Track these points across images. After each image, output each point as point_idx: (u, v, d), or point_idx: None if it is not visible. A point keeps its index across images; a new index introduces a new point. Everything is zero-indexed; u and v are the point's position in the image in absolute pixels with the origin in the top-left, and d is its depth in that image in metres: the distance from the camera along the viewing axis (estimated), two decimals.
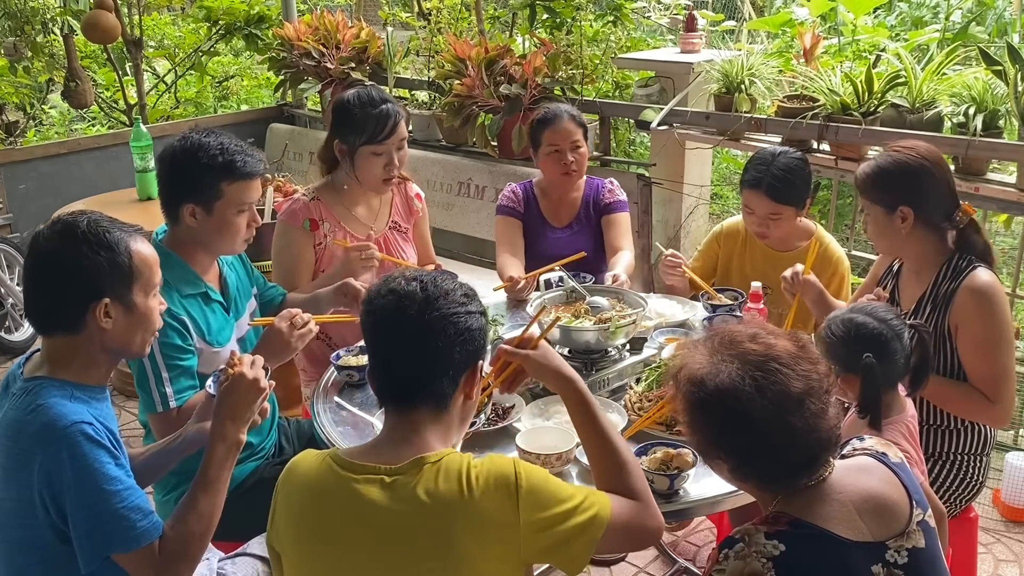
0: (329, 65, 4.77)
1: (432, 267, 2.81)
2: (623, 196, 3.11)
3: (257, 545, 2.06)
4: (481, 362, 1.54)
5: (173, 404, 2.04)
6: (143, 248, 1.70)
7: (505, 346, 1.72)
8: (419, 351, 1.45)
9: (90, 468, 1.54)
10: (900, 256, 2.38)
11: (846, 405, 1.81)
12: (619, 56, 4.45)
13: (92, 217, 1.67)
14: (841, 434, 1.46)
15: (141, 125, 4.11)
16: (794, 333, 1.50)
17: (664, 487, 1.76)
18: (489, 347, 2.35)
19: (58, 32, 6.28)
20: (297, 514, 1.47)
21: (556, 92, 4.10)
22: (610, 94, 4.87)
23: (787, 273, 2.42)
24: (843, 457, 1.54)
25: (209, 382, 1.87)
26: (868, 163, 2.30)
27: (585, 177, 3.09)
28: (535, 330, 1.82)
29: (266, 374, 1.77)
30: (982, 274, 2.17)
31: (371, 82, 2.81)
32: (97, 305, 1.63)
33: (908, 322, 1.92)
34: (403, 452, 1.44)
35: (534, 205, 3.11)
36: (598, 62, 4.70)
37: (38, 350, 1.72)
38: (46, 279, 1.64)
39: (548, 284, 2.63)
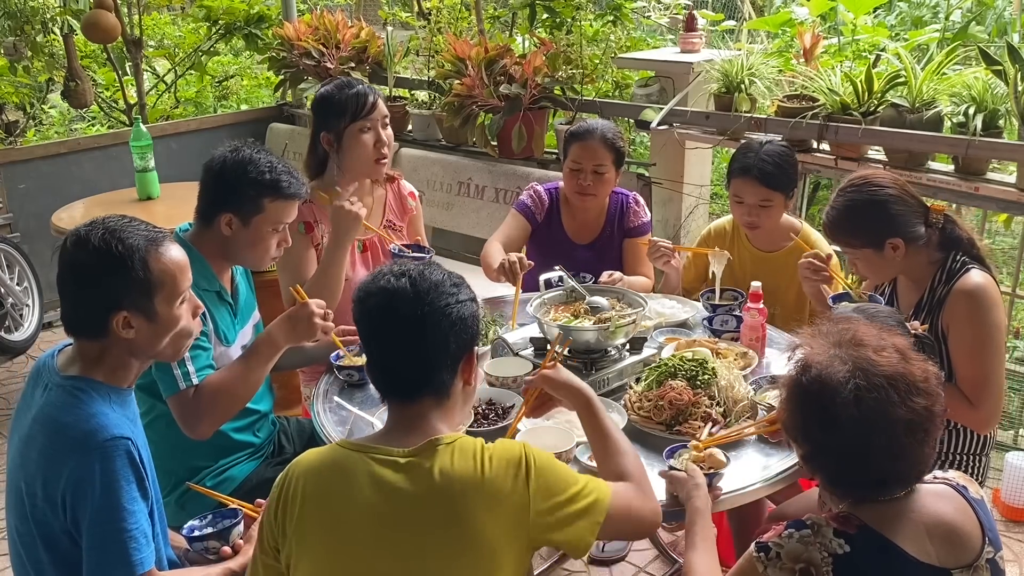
0: (329, 65, 4.77)
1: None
2: (647, 216, 3.05)
3: None
4: (476, 348, 1.56)
5: (195, 380, 2.05)
6: (166, 255, 1.66)
7: (529, 378, 1.87)
8: (415, 348, 1.47)
9: (118, 484, 1.55)
10: (899, 275, 2.36)
11: None
12: (619, 56, 4.44)
13: (110, 227, 1.63)
14: (926, 471, 1.45)
15: (141, 125, 4.11)
16: (928, 364, 1.45)
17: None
18: (489, 347, 2.39)
19: (58, 32, 6.28)
20: (302, 501, 1.45)
21: (556, 92, 4.10)
22: (610, 94, 4.86)
23: (803, 261, 2.46)
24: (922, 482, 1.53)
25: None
26: (832, 212, 2.27)
27: None
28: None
29: None
30: (974, 275, 2.17)
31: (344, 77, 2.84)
32: (116, 316, 1.61)
33: (915, 333, 1.89)
34: (412, 438, 1.46)
35: (556, 218, 3.02)
36: (598, 62, 4.69)
37: (71, 343, 1.70)
38: (67, 289, 1.64)
39: (548, 284, 2.63)
